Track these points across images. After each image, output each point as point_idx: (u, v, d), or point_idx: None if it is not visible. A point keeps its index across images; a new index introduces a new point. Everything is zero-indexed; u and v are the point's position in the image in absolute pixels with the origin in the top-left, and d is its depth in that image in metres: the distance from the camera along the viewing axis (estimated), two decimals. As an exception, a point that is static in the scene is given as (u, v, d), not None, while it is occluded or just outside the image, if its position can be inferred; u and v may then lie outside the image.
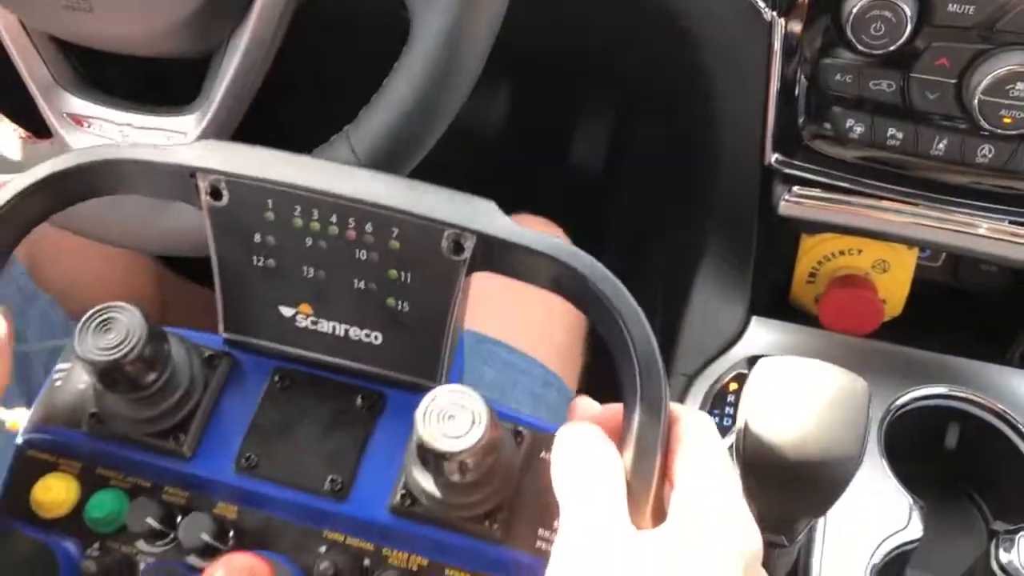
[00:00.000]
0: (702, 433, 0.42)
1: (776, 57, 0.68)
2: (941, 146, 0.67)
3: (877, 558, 0.69)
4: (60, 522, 0.50)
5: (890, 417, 0.77)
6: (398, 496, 0.48)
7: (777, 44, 0.67)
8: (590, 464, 0.41)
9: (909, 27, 0.61)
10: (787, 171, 0.74)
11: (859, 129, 0.68)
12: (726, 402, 0.80)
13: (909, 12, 0.61)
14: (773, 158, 0.73)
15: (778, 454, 0.48)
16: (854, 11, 0.61)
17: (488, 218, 0.44)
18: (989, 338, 0.87)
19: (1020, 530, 0.70)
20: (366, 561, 0.49)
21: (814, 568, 0.68)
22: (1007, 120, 0.62)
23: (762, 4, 0.67)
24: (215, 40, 0.59)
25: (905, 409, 0.78)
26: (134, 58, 0.61)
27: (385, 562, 0.49)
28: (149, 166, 0.46)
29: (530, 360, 0.80)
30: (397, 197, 0.44)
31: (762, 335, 0.85)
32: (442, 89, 0.57)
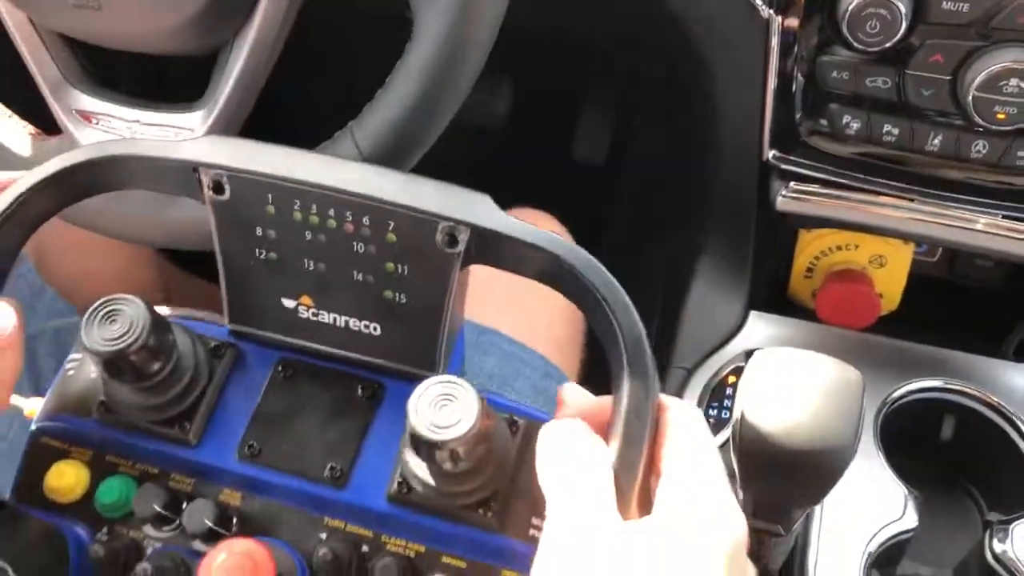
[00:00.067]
0: (690, 423, 0.42)
1: (773, 54, 0.68)
2: (936, 142, 0.67)
3: (873, 547, 0.69)
4: (71, 507, 0.51)
5: (886, 410, 0.77)
6: (395, 484, 0.49)
7: (774, 41, 0.68)
8: (575, 458, 0.41)
9: (904, 25, 0.61)
10: (784, 167, 0.74)
11: (855, 125, 0.68)
12: (724, 395, 0.80)
13: (904, 10, 0.61)
14: (771, 154, 0.74)
15: (774, 443, 0.48)
16: (850, 9, 0.62)
17: (482, 211, 0.45)
18: (984, 332, 0.87)
19: (1014, 520, 0.70)
20: (364, 547, 0.50)
21: (811, 557, 0.68)
22: (1001, 116, 0.63)
23: (759, 2, 0.67)
24: (221, 38, 0.60)
25: (901, 402, 0.78)
26: (142, 56, 0.62)
27: (383, 548, 0.50)
28: (153, 162, 0.46)
29: (531, 352, 0.80)
30: (392, 191, 0.45)
31: (760, 329, 0.85)
32: (444, 86, 0.57)
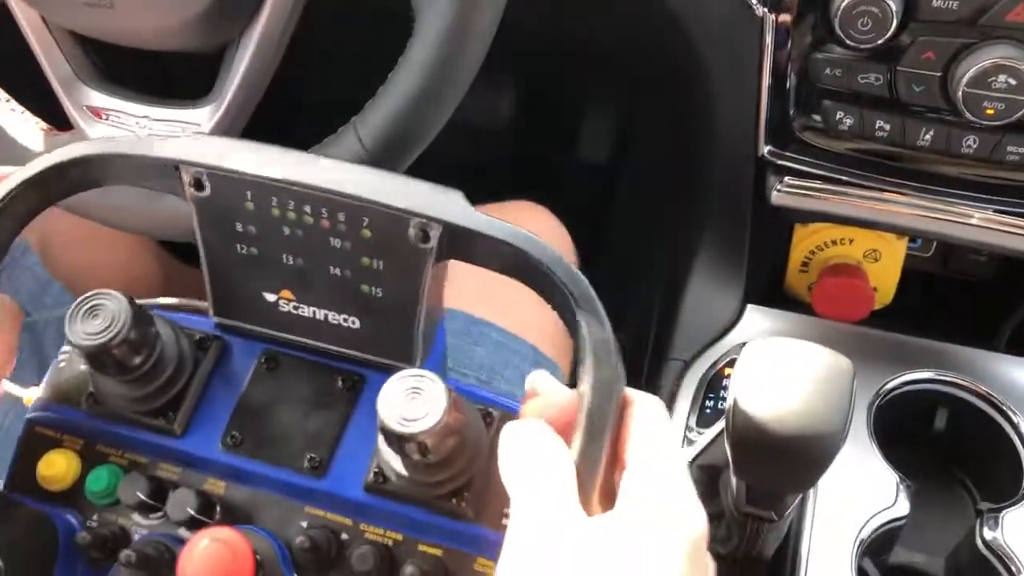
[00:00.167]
0: (653, 417, 0.42)
1: (768, 52, 0.69)
2: (928, 137, 0.68)
3: (865, 534, 0.70)
4: (62, 495, 0.52)
5: (880, 401, 0.78)
6: (371, 474, 0.49)
7: (768, 39, 0.68)
8: (536, 456, 0.41)
9: (895, 22, 0.62)
10: (779, 162, 0.74)
11: (849, 121, 0.69)
12: (721, 386, 0.80)
13: (895, 7, 0.61)
14: (766, 150, 0.74)
15: (765, 430, 0.49)
16: (842, 7, 0.62)
17: (452, 207, 0.45)
18: (977, 325, 0.88)
19: (1004, 509, 0.72)
20: (344, 535, 0.50)
21: (803, 543, 0.69)
22: (990, 112, 0.63)
23: (754, 0, 0.68)
24: (228, 36, 0.61)
25: (895, 393, 0.79)
26: (149, 53, 0.63)
27: (362, 536, 0.50)
28: (137, 160, 0.47)
29: (521, 341, 0.80)
30: (364, 188, 0.45)
31: (757, 322, 0.86)
32: (444, 81, 0.58)
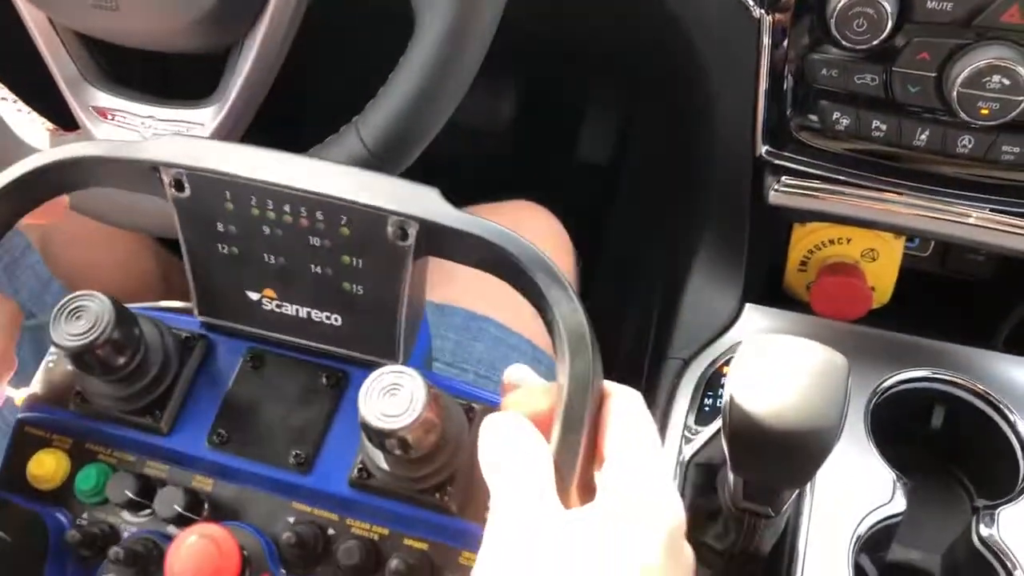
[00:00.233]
0: (631, 409, 0.42)
1: (765, 53, 0.69)
2: (923, 137, 0.68)
3: (862, 530, 0.70)
4: (52, 494, 0.53)
5: (877, 399, 0.78)
6: (356, 470, 0.50)
7: (765, 40, 0.69)
8: (515, 451, 0.41)
9: (890, 23, 0.62)
10: (777, 162, 0.75)
11: (845, 121, 0.70)
12: (720, 384, 0.81)
13: (890, 9, 0.62)
14: (763, 150, 0.75)
15: (761, 425, 0.49)
16: (837, 8, 0.63)
17: (428, 205, 0.45)
18: (975, 324, 0.88)
19: (1000, 506, 0.72)
20: (331, 530, 0.51)
21: (800, 540, 0.69)
22: (984, 112, 0.64)
23: (751, 2, 0.68)
24: (232, 37, 0.62)
25: (892, 391, 0.79)
26: (156, 54, 0.63)
27: (348, 531, 0.51)
28: (117, 163, 0.48)
29: (519, 337, 0.80)
30: (340, 187, 0.46)
31: (755, 321, 0.86)
32: (445, 82, 0.59)
